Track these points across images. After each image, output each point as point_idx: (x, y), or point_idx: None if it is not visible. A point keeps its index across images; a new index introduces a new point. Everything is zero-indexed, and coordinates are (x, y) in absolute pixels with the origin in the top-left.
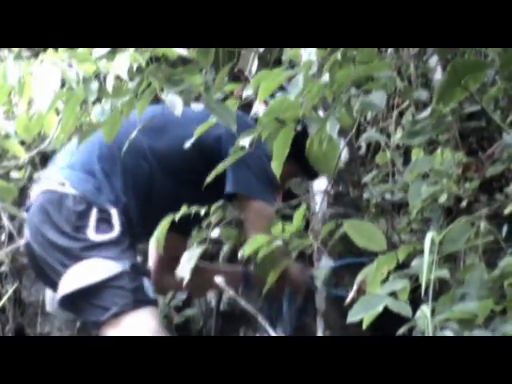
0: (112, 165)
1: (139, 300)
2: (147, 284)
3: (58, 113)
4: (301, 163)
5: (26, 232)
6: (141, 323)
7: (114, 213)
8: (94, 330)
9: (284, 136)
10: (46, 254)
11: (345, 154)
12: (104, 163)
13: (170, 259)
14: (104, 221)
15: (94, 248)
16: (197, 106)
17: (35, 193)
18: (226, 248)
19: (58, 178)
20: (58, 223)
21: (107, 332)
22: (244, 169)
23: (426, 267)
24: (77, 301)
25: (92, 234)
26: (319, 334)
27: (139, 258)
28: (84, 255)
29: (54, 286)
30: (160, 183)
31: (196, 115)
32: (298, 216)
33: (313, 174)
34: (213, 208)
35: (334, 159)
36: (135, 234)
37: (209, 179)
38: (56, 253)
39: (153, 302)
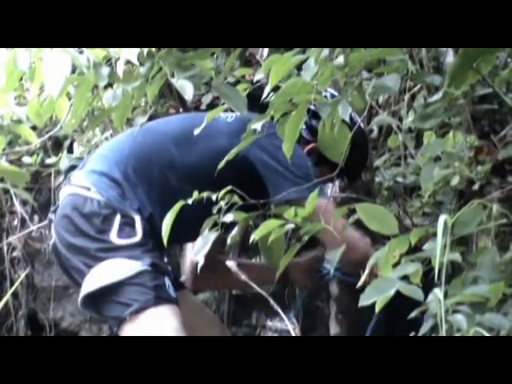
0: (139, 176)
1: (160, 297)
2: (168, 283)
3: (69, 98)
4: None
5: (53, 233)
6: (161, 320)
7: (138, 219)
8: (115, 327)
9: (296, 118)
10: (71, 255)
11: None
12: (130, 173)
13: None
14: (127, 226)
15: (116, 250)
16: (228, 115)
17: (62, 195)
18: (234, 231)
19: (84, 183)
20: (82, 226)
21: (128, 328)
22: (282, 175)
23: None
24: (99, 299)
25: (115, 238)
26: (332, 317)
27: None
28: (106, 256)
29: (79, 287)
30: (188, 195)
31: (226, 127)
32: (311, 201)
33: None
34: (221, 193)
35: (345, 144)
36: (161, 241)
37: (221, 165)
38: (79, 254)
39: (174, 301)
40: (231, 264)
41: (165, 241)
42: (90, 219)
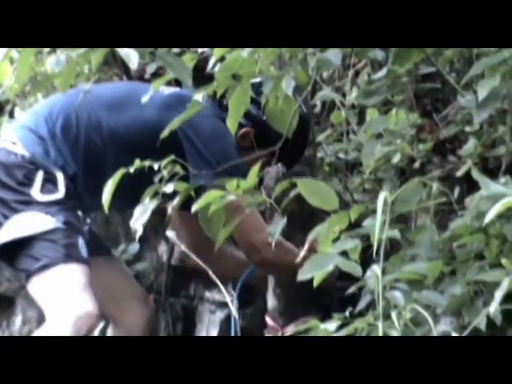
0: (65, 135)
1: (70, 255)
2: (82, 243)
3: (12, 62)
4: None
5: None
6: (68, 277)
7: (60, 177)
8: (24, 279)
9: (240, 93)
10: None
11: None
12: (57, 132)
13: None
14: (50, 183)
15: (34, 204)
16: (166, 89)
17: None
18: (175, 201)
19: (12, 137)
20: (4, 178)
21: (35, 282)
22: (206, 160)
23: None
24: (11, 251)
25: (36, 193)
26: (270, 292)
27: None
28: (23, 208)
29: None
30: (112, 161)
31: (159, 99)
32: (253, 173)
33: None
34: (164, 163)
35: (290, 116)
36: (83, 202)
37: (162, 136)
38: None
39: (84, 260)
40: (171, 234)
41: (106, 208)
42: (12, 172)
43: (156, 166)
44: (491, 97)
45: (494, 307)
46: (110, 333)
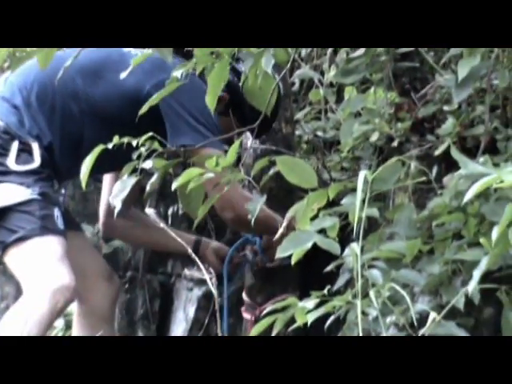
0: (41, 104)
1: (46, 227)
2: (58, 214)
3: None
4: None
5: None
6: (45, 249)
7: (35, 146)
8: (0, 251)
9: (219, 69)
10: None
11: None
12: (34, 99)
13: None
14: (25, 153)
15: (10, 174)
16: (139, 53)
17: None
18: (154, 178)
19: None
20: None
21: (12, 254)
22: (183, 118)
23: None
24: None
25: (11, 163)
26: (247, 269)
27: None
28: (0, 179)
29: None
30: (90, 128)
31: (137, 65)
32: (232, 151)
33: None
34: (142, 139)
35: (269, 94)
36: (59, 172)
37: (141, 112)
38: None
39: (61, 232)
40: (150, 211)
41: (84, 184)
42: None
43: (134, 143)
44: (471, 76)
45: (472, 286)
46: (74, 309)
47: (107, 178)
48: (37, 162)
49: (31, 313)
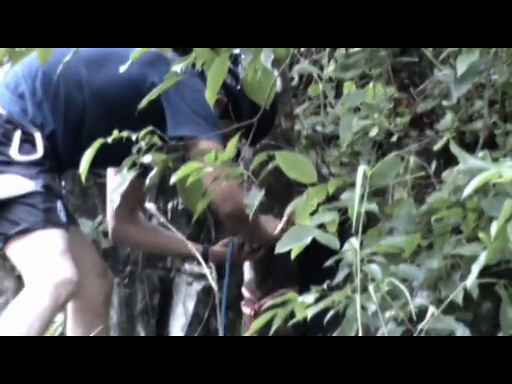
0: (45, 91)
1: (49, 220)
2: (61, 207)
3: None
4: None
5: None
6: (47, 242)
7: (38, 136)
8: (1, 243)
9: (219, 65)
10: None
11: (278, 85)
12: (37, 88)
13: (130, 208)
14: (28, 143)
15: (13, 165)
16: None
17: None
18: (153, 172)
19: None
20: None
21: (13, 247)
22: (184, 110)
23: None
24: None
25: (14, 154)
26: (246, 263)
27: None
28: (3, 169)
29: None
30: (92, 118)
31: (140, 55)
32: (231, 145)
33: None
34: (142, 134)
35: (268, 89)
36: (60, 162)
37: (141, 106)
38: None
39: (64, 225)
40: (150, 206)
41: (83, 178)
42: None
43: (134, 137)
44: (470, 72)
45: (470, 281)
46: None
47: (111, 183)
48: (39, 152)
49: (33, 307)
